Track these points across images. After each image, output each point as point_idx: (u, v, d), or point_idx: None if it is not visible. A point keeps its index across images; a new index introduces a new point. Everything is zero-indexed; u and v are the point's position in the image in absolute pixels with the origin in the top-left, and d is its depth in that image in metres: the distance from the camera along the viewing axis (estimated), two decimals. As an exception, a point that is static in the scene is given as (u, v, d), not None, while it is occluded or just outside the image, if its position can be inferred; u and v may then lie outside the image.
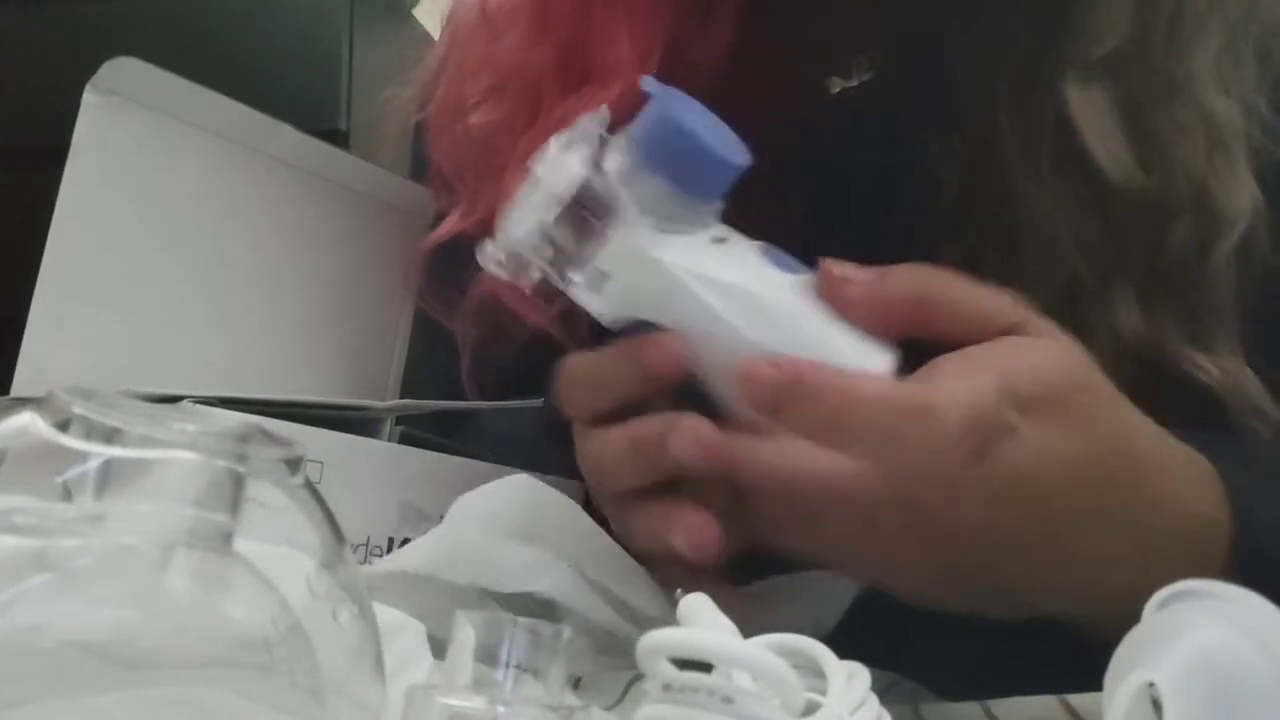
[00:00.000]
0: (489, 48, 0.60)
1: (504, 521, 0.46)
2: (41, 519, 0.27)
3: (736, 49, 0.56)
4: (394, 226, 0.69)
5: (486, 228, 0.60)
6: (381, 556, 0.51)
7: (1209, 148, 0.49)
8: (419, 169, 0.69)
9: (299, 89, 1.15)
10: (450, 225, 0.63)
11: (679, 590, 0.43)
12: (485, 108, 0.59)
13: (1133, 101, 0.49)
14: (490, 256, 0.45)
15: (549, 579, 0.45)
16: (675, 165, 0.43)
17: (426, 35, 1.10)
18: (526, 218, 0.43)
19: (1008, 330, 0.42)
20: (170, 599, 0.28)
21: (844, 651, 0.36)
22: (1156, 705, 0.29)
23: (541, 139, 0.54)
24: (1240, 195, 0.49)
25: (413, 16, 1.23)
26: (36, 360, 0.52)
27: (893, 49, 0.57)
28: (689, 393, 0.44)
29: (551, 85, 0.57)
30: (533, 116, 0.57)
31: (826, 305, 0.43)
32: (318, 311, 0.66)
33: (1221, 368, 0.49)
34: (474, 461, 0.54)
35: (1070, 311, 0.43)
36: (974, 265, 0.50)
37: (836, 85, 0.57)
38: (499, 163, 0.59)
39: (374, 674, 0.31)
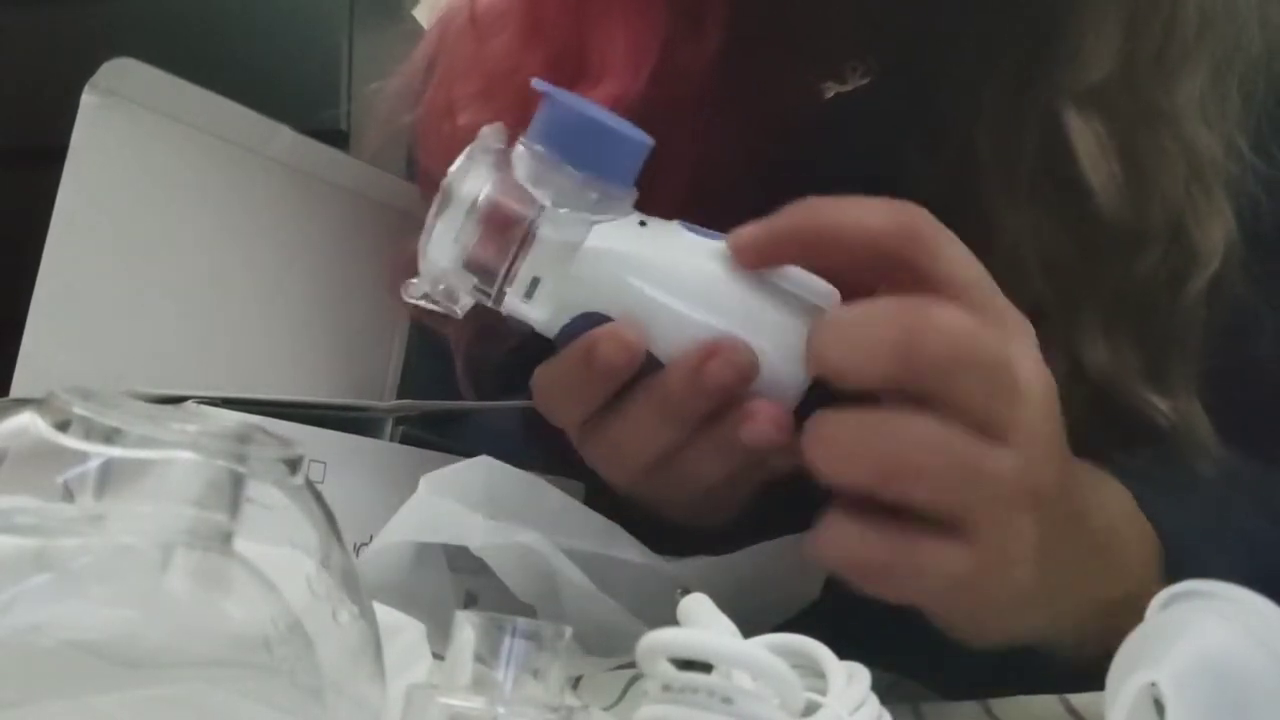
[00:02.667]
0: (478, 50, 0.60)
1: (472, 497, 0.46)
2: (42, 519, 0.27)
3: (727, 52, 0.56)
4: (392, 227, 0.69)
5: None
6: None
7: (1189, 181, 0.49)
8: (414, 170, 0.69)
9: (299, 89, 1.15)
10: None
11: (679, 591, 0.43)
12: (474, 110, 0.59)
13: (1120, 130, 0.49)
14: (416, 292, 0.44)
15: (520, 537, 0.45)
16: (582, 150, 0.43)
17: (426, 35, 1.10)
18: (445, 242, 0.43)
19: (900, 253, 0.41)
20: (170, 599, 0.28)
21: (844, 652, 0.36)
22: (1159, 705, 0.29)
23: None
24: (1215, 231, 0.49)
25: (412, 17, 1.23)
26: (36, 360, 0.52)
27: (885, 58, 0.57)
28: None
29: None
30: (522, 120, 0.57)
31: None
32: (315, 312, 0.65)
33: (1174, 405, 0.48)
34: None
35: (1040, 339, 0.43)
36: None
37: (830, 90, 0.57)
38: None
39: (374, 674, 0.31)
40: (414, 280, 0.44)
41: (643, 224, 0.44)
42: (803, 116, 0.58)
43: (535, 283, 0.43)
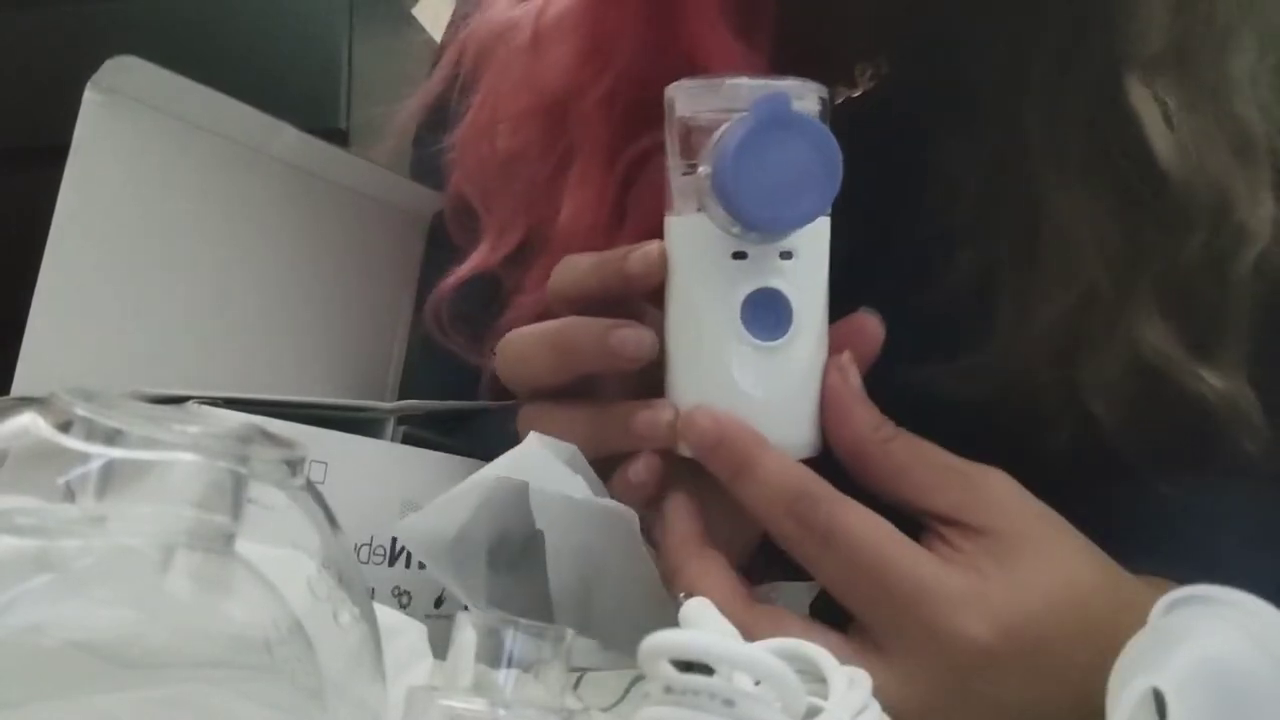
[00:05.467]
0: (532, 66, 0.59)
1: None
2: (43, 520, 0.27)
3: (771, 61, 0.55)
4: (394, 226, 0.69)
5: (514, 262, 0.59)
6: (384, 557, 0.51)
7: (1238, 159, 0.49)
8: (419, 170, 0.69)
9: (299, 89, 1.15)
10: (478, 260, 0.62)
11: (682, 594, 0.43)
12: (519, 131, 0.58)
13: (1178, 104, 0.49)
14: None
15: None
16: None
17: (426, 36, 1.10)
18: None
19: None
20: (171, 600, 0.28)
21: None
22: (1161, 710, 0.29)
23: (583, 175, 0.53)
24: (1263, 209, 0.49)
25: (413, 17, 1.23)
26: (36, 360, 0.52)
27: (899, 55, 0.57)
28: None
29: (595, 118, 0.55)
30: (565, 152, 0.56)
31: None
32: (317, 312, 0.65)
33: (1223, 382, 0.48)
34: (476, 461, 0.54)
35: (1085, 322, 0.42)
36: (991, 273, 0.50)
37: (841, 95, 0.57)
38: (530, 193, 0.58)
39: (374, 675, 0.31)
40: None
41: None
42: (833, 120, 0.57)
43: None
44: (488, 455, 0.47)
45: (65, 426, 0.28)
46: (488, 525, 0.48)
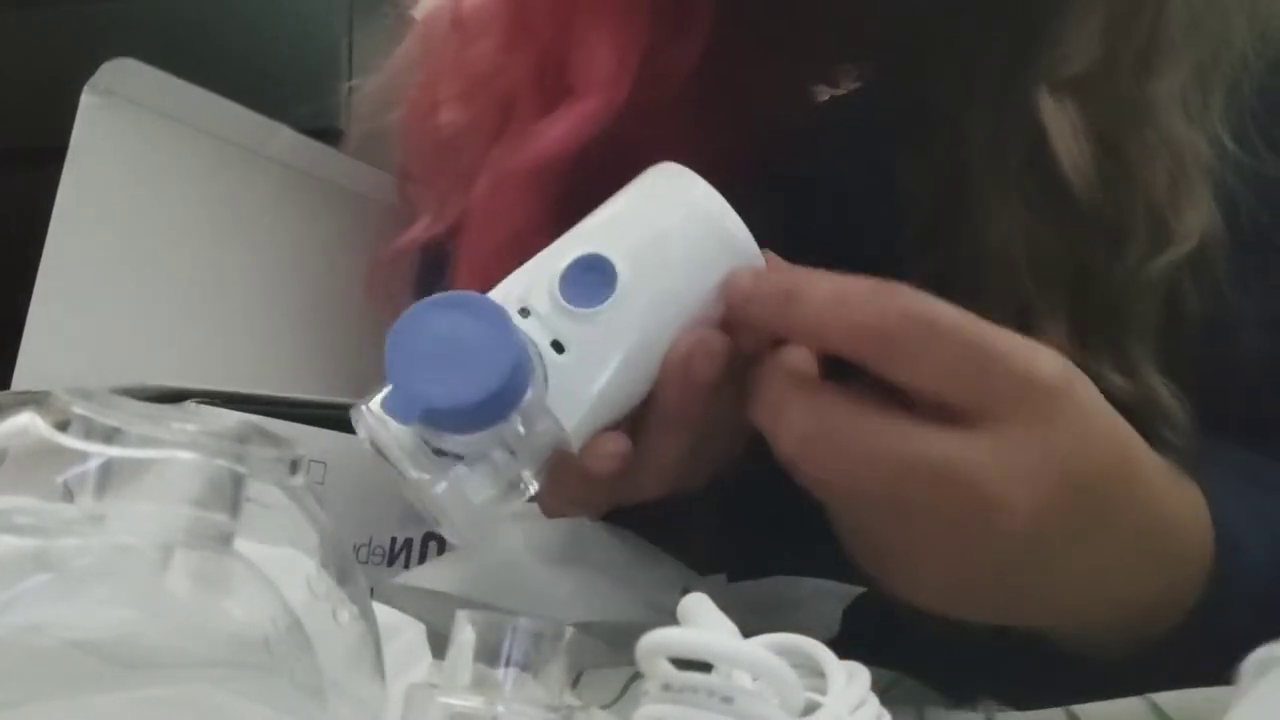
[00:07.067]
0: (461, 52, 0.59)
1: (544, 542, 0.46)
2: (41, 519, 0.27)
3: (712, 56, 0.55)
4: (388, 226, 0.69)
5: (455, 234, 0.60)
6: (383, 557, 0.52)
7: (1170, 174, 0.49)
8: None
9: (299, 89, 1.15)
10: (417, 231, 0.62)
11: (680, 590, 0.43)
12: (455, 111, 0.59)
13: (1100, 122, 0.49)
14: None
15: (594, 604, 0.45)
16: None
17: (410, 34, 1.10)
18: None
19: (873, 360, 0.40)
20: (170, 599, 0.28)
21: (844, 651, 0.36)
22: None
23: (513, 149, 0.53)
24: (1193, 221, 0.49)
25: (413, 17, 1.22)
26: (36, 360, 0.52)
27: (879, 59, 0.57)
28: None
29: (525, 94, 0.56)
30: (503, 124, 0.56)
31: None
32: (312, 311, 0.66)
33: (1131, 381, 0.48)
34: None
35: (1022, 332, 0.42)
36: (940, 284, 0.50)
37: (824, 94, 0.57)
38: (468, 169, 0.59)
39: (374, 674, 0.31)
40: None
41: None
42: (794, 120, 0.58)
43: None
44: None
45: (63, 425, 0.28)
46: None
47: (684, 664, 0.31)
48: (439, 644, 0.34)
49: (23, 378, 0.51)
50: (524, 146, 0.53)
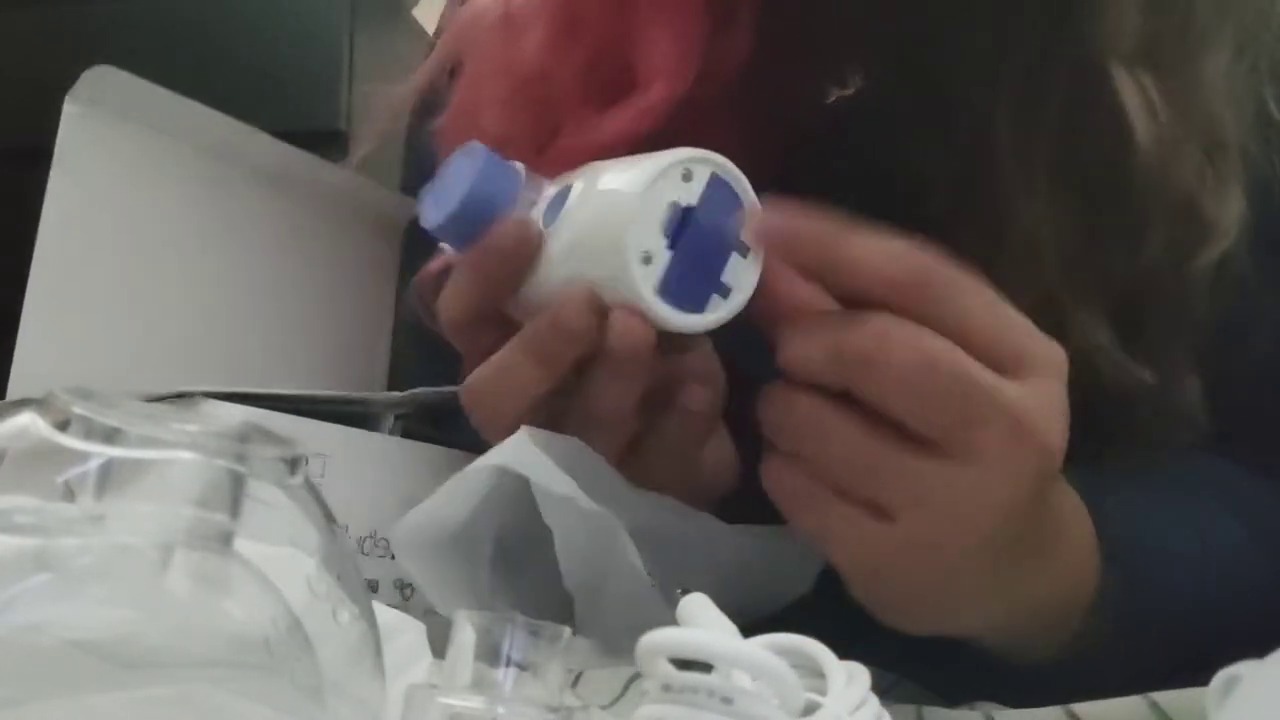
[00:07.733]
0: (507, 52, 0.58)
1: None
2: (42, 519, 0.27)
3: (753, 56, 0.55)
4: (372, 230, 0.69)
5: None
6: (386, 550, 0.52)
7: (1207, 157, 0.49)
8: (411, 181, 0.69)
9: (299, 89, 1.15)
10: None
11: (679, 590, 0.43)
12: (501, 115, 0.58)
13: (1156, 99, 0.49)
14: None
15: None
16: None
17: (426, 35, 1.10)
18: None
19: (907, 305, 0.41)
20: (170, 599, 0.28)
21: (844, 651, 0.36)
22: None
23: (565, 156, 0.53)
24: (1230, 207, 0.49)
25: (413, 17, 1.23)
26: (30, 365, 0.52)
27: (886, 56, 0.57)
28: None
29: (574, 92, 0.55)
30: (553, 127, 0.55)
31: None
32: (298, 315, 0.66)
33: (1159, 374, 0.48)
34: (475, 455, 0.54)
35: (1046, 323, 0.42)
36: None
37: (833, 94, 0.57)
38: None
39: (374, 674, 0.31)
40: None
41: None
42: (810, 120, 0.57)
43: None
44: (479, 448, 0.47)
45: (63, 425, 0.28)
46: (488, 523, 0.48)
47: (684, 664, 0.31)
48: (438, 644, 0.34)
49: (17, 384, 0.51)
50: (581, 140, 0.53)
